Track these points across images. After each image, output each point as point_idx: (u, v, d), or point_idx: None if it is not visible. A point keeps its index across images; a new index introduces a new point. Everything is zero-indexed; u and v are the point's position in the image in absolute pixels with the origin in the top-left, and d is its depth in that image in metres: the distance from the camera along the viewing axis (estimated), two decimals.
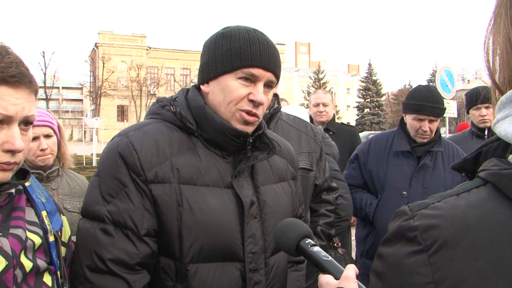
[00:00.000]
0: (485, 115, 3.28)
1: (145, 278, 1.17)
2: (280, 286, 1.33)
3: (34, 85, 1.01)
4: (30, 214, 1.08)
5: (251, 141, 1.26)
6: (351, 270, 0.88)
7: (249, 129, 1.25)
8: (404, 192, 2.50)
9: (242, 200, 1.23)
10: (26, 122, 1.01)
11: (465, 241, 0.52)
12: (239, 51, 1.19)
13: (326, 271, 0.92)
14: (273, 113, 2.08)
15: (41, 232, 1.08)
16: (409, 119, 2.57)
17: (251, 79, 1.21)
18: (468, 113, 3.46)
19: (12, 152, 0.96)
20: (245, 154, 1.28)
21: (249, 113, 1.21)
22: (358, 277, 0.89)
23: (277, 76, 1.26)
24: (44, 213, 1.12)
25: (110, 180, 1.17)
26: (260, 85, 1.21)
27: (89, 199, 1.19)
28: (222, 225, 1.19)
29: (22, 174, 1.10)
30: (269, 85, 1.25)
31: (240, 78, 1.20)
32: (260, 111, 1.24)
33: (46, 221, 1.11)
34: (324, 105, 3.74)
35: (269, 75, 1.22)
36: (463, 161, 0.65)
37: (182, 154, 1.21)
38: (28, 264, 1.00)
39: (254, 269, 1.23)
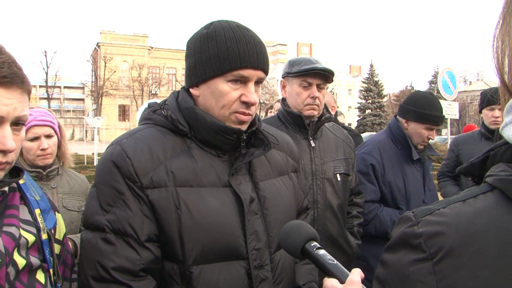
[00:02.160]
0: (498, 117, 3.22)
1: (150, 284, 1.16)
2: (288, 281, 1.32)
3: (27, 85, 1.00)
4: (23, 212, 1.08)
5: (244, 137, 1.26)
6: (356, 274, 0.87)
7: (243, 127, 1.25)
8: (423, 199, 2.53)
9: (241, 198, 1.22)
10: (18, 122, 1.00)
11: (471, 249, 0.51)
12: (227, 54, 1.17)
13: (331, 275, 0.91)
14: (324, 121, 2.22)
15: (34, 230, 1.08)
16: (416, 127, 2.53)
17: (241, 80, 1.20)
18: (480, 112, 3.41)
19: (4, 152, 0.96)
20: (240, 152, 1.27)
21: (243, 113, 1.22)
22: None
23: (266, 72, 1.25)
24: (37, 211, 1.12)
25: (107, 190, 1.17)
26: (251, 85, 1.21)
27: (89, 210, 1.19)
28: (222, 224, 1.18)
29: (16, 172, 1.10)
30: (259, 81, 1.24)
31: (230, 81, 1.19)
32: (253, 110, 1.24)
33: (39, 219, 1.11)
34: None
35: (259, 73, 1.21)
36: (469, 165, 0.63)
37: (177, 157, 1.21)
38: (21, 262, 1.00)
39: (260, 266, 1.22)
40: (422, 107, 2.50)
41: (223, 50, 1.17)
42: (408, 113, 2.56)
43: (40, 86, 63.08)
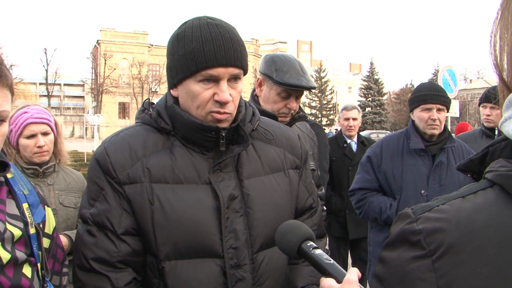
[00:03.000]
0: (489, 115, 3.23)
1: (128, 276, 1.20)
2: (273, 283, 1.27)
3: (5, 79, 0.97)
4: (11, 206, 1.08)
5: (223, 134, 1.23)
6: (353, 274, 0.86)
7: (223, 125, 1.22)
8: (423, 191, 2.51)
9: (218, 195, 1.21)
10: None
11: (471, 246, 0.50)
12: (193, 54, 1.15)
13: (328, 275, 0.91)
14: (298, 119, 2.18)
15: (21, 225, 1.08)
16: (417, 113, 2.59)
17: (212, 79, 1.17)
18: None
19: None
20: (225, 148, 1.25)
21: (218, 113, 1.19)
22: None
23: (242, 67, 1.20)
24: (25, 205, 1.12)
25: (92, 185, 1.24)
26: (223, 84, 1.17)
27: (81, 204, 1.28)
28: (195, 222, 1.18)
29: (2, 166, 1.08)
30: (236, 77, 1.21)
31: (201, 81, 1.17)
32: (231, 108, 1.21)
33: (27, 213, 1.11)
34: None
35: (230, 71, 1.18)
36: (468, 162, 0.62)
37: (156, 154, 1.23)
38: (5, 256, 1.00)
39: (236, 265, 1.20)
40: (414, 92, 2.64)
41: (189, 51, 1.16)
42: (409, 104, 2.69)
43: (40, 84, 63.16)
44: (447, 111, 2.57)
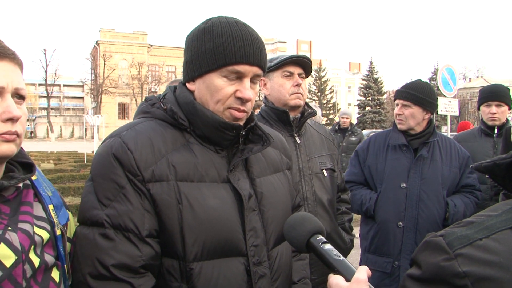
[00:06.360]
0: (495, 113, 3.23)
1: (150, 281, 1.12)
2: (285, 278, 1.31)
3: (18, 59, 1.02)
4: (37, 209, 1.06)
5: (243, 133, 1.25)
6: (363, 272, 0.82)
7: (239, 123, 1.24)
8: (403, 184, 2.56)
9: (241, 194, 1.21)
10: (19, 96, 1.01)
11: None
12: (223, 48, 1.16)
13: (336, 271, 0.88)
14: (308, 117, 2.24)
15: (48, 227, 1.05)
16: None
17: (237, 75, 1.19)
18: (479, 109, 3.42)
19: (12, 120, 0.97)
20: (238, 148, 1.26)
21: (237, 110, 1.21)
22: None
23: (263, 69, 1.23)
24: (51, 207, 1.09)
25: (106, 183, 1.12)
26: (247, 81, 1.20)
27: (85, 205, 1.14)
28: (223, 220, 1.17)
29: (28, 167, 1.08)
30: (256, 78, 1.23)
31: (225, 76, 1.18)
32: (248, 106, 1.23)
33: (53, 214, 1.08)
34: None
35: (255, 70, 1.20)
36: (492, 165, 0.56)
37: (177, 151, 1.19)
38: (36, 260, 0.98)
39: (258, 262, 1.21)
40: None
41: (219, 45, 1.16)
42: None
43: (40, 85, 63.10)
44: (421, 107, 2.57)
